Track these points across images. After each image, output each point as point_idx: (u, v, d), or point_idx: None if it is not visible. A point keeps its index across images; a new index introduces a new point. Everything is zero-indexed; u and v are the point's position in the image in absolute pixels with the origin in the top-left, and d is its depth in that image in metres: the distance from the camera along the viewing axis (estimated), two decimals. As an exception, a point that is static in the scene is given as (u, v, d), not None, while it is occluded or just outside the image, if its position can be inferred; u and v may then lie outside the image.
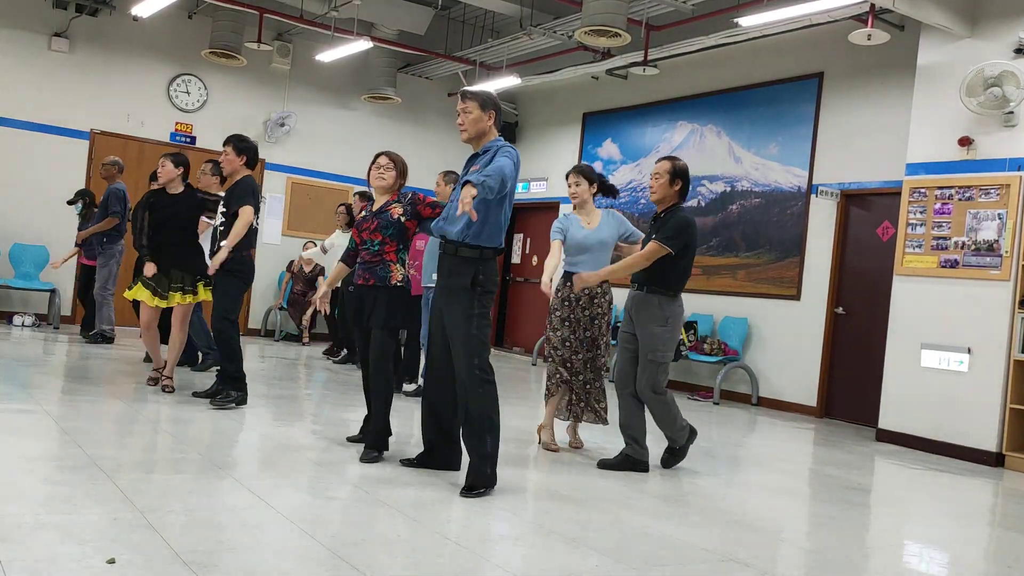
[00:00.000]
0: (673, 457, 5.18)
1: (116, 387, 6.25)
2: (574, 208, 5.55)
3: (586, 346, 5.35)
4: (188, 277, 6.13)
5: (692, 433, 5.16)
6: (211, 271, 5.72)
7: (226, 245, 5.64)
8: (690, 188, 5.13)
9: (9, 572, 2.56)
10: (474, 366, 4.12)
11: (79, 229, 9.16)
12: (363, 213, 4.87)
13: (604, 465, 4.99)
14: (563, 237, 5.36)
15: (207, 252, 6.34)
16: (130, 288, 6.21)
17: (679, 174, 4.98)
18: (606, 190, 5.59)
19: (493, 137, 4.28)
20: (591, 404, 5.44)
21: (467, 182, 3.82)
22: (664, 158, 5.11)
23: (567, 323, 5.34)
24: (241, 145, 5.90)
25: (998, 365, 6.65)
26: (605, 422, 5.46)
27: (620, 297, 10.62)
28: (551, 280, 5.22)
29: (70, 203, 9.33)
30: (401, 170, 4.84)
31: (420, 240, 7.47)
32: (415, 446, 4.84)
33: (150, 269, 6.04)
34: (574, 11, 9.44)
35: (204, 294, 6.19)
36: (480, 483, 4.07)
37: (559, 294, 5.40)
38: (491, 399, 4.14)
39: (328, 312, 5.37)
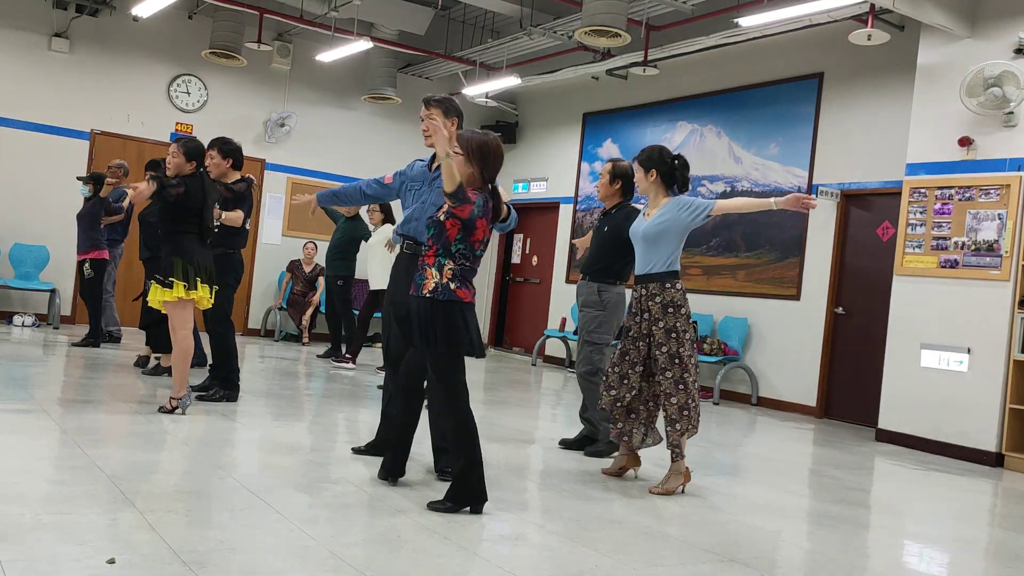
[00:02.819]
0: (589, 443, 5.44)
1: (116, 387, 6.25)
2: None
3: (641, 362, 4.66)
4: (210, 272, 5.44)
5: (611, 444, 5.28)
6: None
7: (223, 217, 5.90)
8: (634, 188, 5.28)
9: (9, 572, 2.56)
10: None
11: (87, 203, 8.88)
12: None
13: (564, 444, 5.48)
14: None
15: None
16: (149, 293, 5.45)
17: (618, 175, 5.40)
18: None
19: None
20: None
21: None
22: (609, 160, 5.56)
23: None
24: (226, 148, 5.99)
25: (998, 365, 6.65)
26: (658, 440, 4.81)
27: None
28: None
29: (81, 179, 8.95)
30: None
31: None
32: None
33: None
34: (574, 11, 9.44)
35: (205, 300, 5.48)
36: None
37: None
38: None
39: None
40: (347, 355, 8.98)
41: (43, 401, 5.38)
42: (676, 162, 4.71)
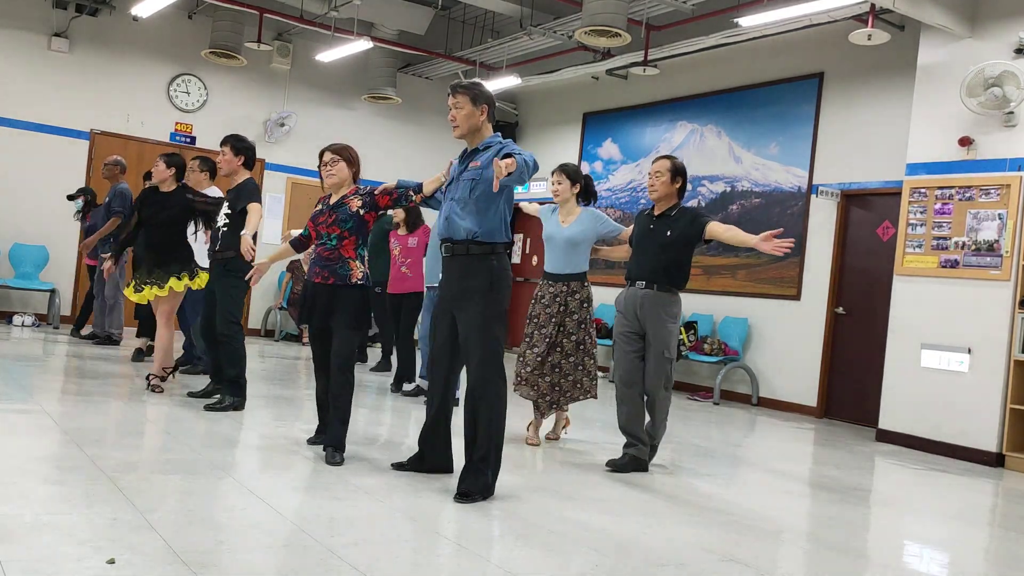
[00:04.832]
0: (639, 461, 5.01)
1: (115, 387, 6.25)
2: (561, 203, 5.57)
3: (547, 342, 5.35)
4: (163, 274, 6.07)
5: (637, 460, 5.01)
6: (246, 255, 5.42)
7: (246, 232, 5.47)
8: (687, 187, 5.20)
9: (9, 572, 2.56)
10: (492, 371, 4.02)
11: (81, 226, 9.10)
12: (318, 207, 4.73)
13: (614, 467, 4.96)
14: (542, 217, 5.66)
15: (206, 250, 6.32)
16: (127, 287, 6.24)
17: (680, 171, 5.04)
18: (587, 194, 5.57)
19: (489, 133, 4.16)
20: (564, 394, 5.45)
21: (508, 155, 3.86)
22: (662, 156, 5.13)
23: (531, 320, 5.49)
24: (239, 145, 5.84)
25: (998, 365, 6.65)
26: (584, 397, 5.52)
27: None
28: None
29: (70, 198, 9.21)
30: (350, 160, 4.74)
31: (412, 238, 7.45)
32: (408, 448, 4.82)
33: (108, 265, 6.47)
34: (574, 11, 9.44)
35: (178, 286, 6.11)
36: (478, 490, 3.96)
37: (536, 292, 5.56)
38: (502, 406, 4.05)
39: (255, 284, 5.10)
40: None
41: (43, 401, 5.38)
42: (588, 178, 5.57)
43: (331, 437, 4.48)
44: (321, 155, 4.81)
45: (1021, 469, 6.45)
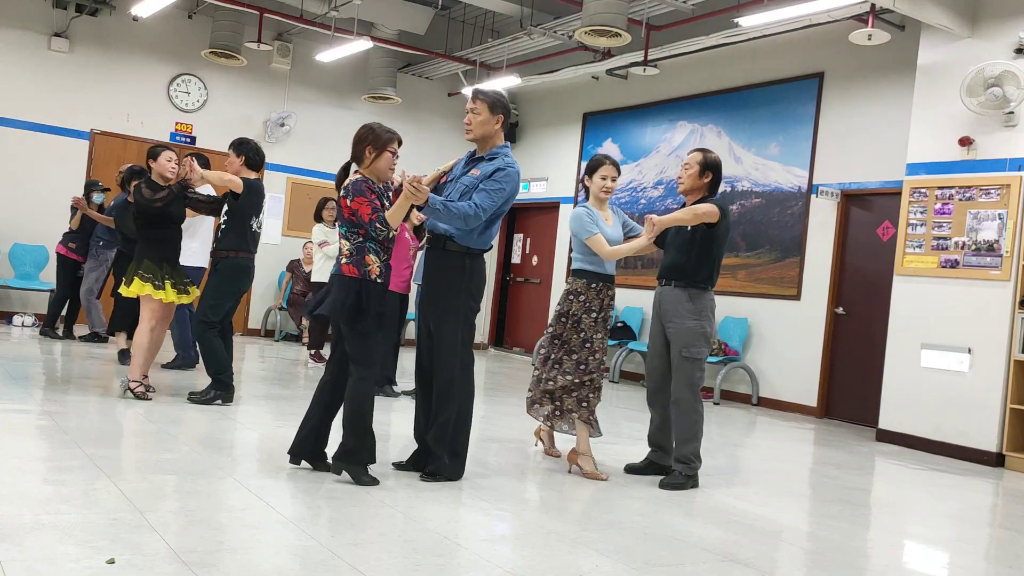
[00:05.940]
0: (674, 482, 4.64)
1: (115, 387, 6.24)
2: (598, 202, 4.94)
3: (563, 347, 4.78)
4: (182, 276, 5.96)
5: (695, 479, 4.71)
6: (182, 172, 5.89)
7: (206, 173, 5.92)
8: (720, 183, 4.87)
9: (9, 572, 2.56)
10: (459, 361, 4.15)
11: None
12: (381, 200, 4.10)
13: (631, 470, 4.92)
14: (600, 230, 4.80)
15: (207, 250, 6.36)
16: (127, 286, 5.83)
17: (710, 166, 4.75)
18: None
19: (499, 142, 4.30)
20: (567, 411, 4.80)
21: (434, 205, 4.00)
22: (696, 149, 4.87)
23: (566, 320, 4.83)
24: (240, 148, 6.05)
25: (998, 365, 6.65)
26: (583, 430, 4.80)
27: (624, 297, 10.57)
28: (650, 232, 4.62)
29: (98, 189, 9.07)
30: None
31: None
32: (408, 447, 4.82)
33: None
34: (574, 11, 9.44)
35: (196, 293, 6.11)
36: (449, 472, 4.16)
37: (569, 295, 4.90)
38: (470, 395, 4.20)
39: None
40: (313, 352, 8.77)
41: (42, 401, 5.38)
42: None
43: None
44: (391, 141, 4.08)
45: (1021, 469, 6.45)
